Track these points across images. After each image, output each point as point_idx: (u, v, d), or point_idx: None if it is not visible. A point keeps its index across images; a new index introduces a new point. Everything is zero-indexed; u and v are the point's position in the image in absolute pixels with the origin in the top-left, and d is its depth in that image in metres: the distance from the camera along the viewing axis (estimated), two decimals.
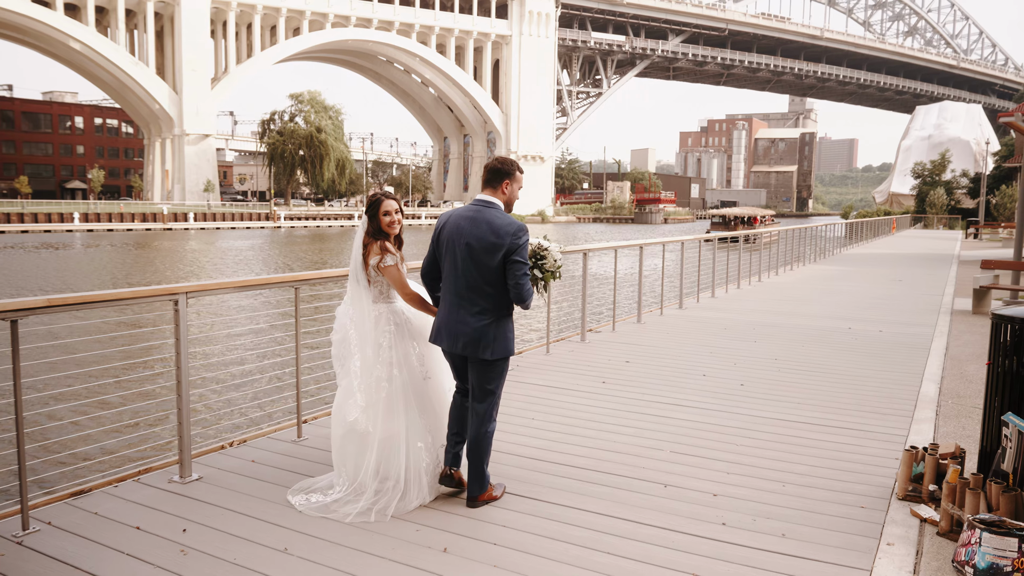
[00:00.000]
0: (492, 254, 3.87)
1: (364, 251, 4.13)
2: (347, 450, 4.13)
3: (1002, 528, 3.32)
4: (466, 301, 3.95)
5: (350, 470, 4.12)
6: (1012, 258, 14.14)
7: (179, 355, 4.37)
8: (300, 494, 4.14)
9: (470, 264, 3.91)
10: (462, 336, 3.96)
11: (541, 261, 4.18)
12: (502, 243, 3.86)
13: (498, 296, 3.95)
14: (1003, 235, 43.19)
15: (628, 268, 18.56)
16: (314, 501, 4.05)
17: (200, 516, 3.93)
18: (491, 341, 3.94)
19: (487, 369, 4.01)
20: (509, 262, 3.88)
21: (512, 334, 4.08)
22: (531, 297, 3.98)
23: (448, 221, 4.05)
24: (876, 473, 4.66)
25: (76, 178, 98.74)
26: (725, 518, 3.97)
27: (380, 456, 4.08)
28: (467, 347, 3.96)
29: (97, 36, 76.58)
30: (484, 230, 3.89)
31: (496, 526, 3.86)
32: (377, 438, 4.07)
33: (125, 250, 43.13)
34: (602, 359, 8.04)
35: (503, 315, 4.00)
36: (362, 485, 4.06)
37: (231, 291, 4.83)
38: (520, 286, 3.90)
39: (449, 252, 4.00)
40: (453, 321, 3.99)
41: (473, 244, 3.90)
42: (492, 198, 4.02)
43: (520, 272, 3.89)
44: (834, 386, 6.96)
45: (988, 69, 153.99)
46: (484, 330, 3.94)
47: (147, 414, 7.60)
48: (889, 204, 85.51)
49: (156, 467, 4.59)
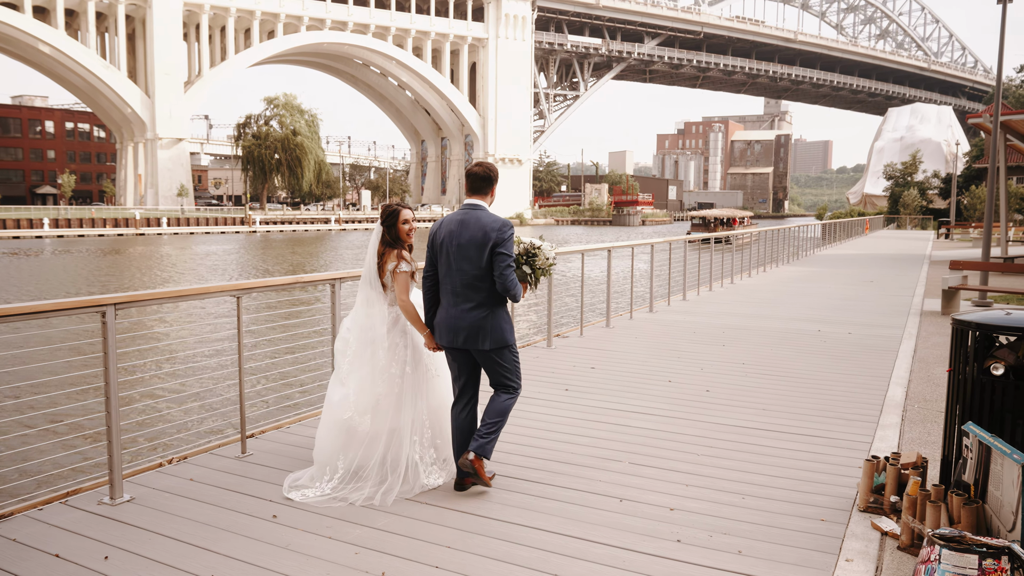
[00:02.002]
0: (481, 249, 4.17)
1: (381, 259, 4.42)
2: (346, 440, 4.36)
3: (962, 544, 3.18)
4: (461, 298, 4.24)
5: (350, 459, 4.34)
6: (980, 259, 14.19)
7: (107, 370, 4.13)
8: (296, 490, 4.29)
9: (463, 262, 4.20)
10: (461, 330, 4.24)
11: (533, 259, 4.46)
12: (489, 238, 4.16)
13: (491, 290, 4.23)
14: (974, 235, 43.71)
15: (601, 271, 18.43)
16: (315, 493, 4.23)
17: (126, 541, 3.70)
18: (488, 332, 4.23)
19: (492, 359, 4.29)
20: (495, 254, 4.16)
21: (509, 325, 4.33)
22: (517, 288, 4.24)
23: (441, 226, 4.34)
24: (838, 483, 4.53)
25: (47, 183, 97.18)
26: (681, 534, 3.81)
27: (387, 446, 4.35)
28: (467, 340, 4.24)
29: (67, 39, 75.38)
30: (473, 229, 4.20)
31: (437, 546, 3.66)
32: (387, 430, 4.34)
33: (91, 257, 42.39)
34: (567, 365, 7.88)
35: (497, 308, 4.29)
36: (365, 473, 4.31)
37: (165, 302, 4.60)
38: (504, 276, 4.17)
39: (444, 254, 4.29)
40: (451, 317, 4.27)
41: (464, 243, 4.20)
42: (480, 201, 4.33)
43: (504, 264, 4.16)
44: (800, 391, 6.84)
45: (958, 71, 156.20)
46: (481, 323, 4.22)
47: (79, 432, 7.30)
48: (863, 205, 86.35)
49: (86, 488, 4.34)
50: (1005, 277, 17.96)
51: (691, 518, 4.01)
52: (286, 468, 4.72)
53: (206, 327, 15.52)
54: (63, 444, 7.40)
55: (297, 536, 3.77)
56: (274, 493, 4.33)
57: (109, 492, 4.19)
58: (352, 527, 3.88)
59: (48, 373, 9.31)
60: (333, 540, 3.73)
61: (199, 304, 19.33)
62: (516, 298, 4.25)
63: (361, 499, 4.16)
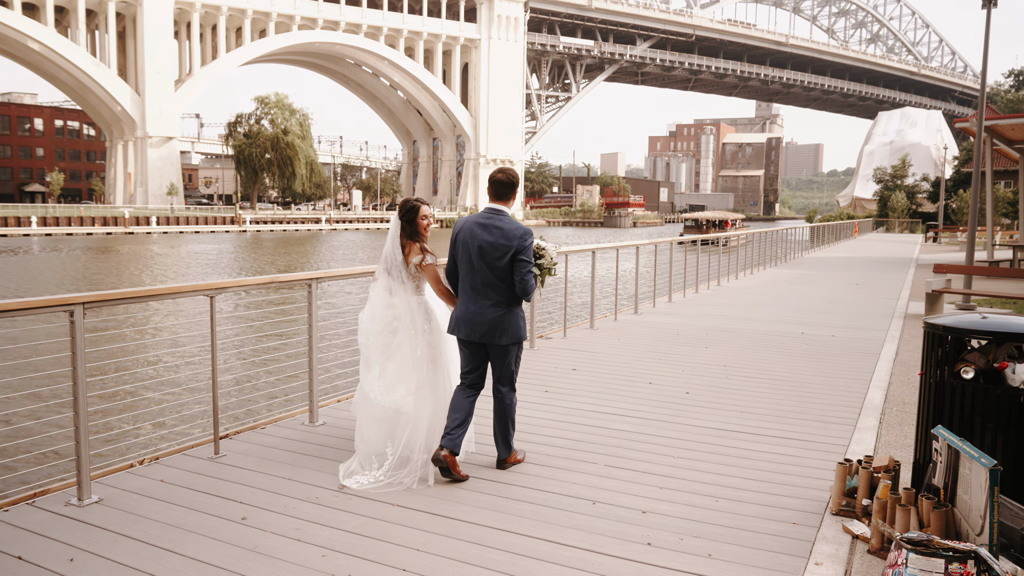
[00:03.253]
0: (503, 254, 4.48)
1: (403, 251, 4.70)
2: (391, 427, 4.58)
3: (929, 548, 3.18)
4: (481, 295, 4.54)
5: (397, 444, 4.55)
6: (964, 262, 14.25)
7: (76, 369, 4.09)
8: (350, 477, 4.46)
9: (483, 263, 4.50)
10: (479, 326, 4.54)
11: (539, 260, 4.74)
12: (511, 245, 4.48)
13: (508, 290, 4.54)
14: (961, 239, 43.95)
15: (586, 272, 18.43)
16: (368, 480, 4.42)
17: (92, 543, 3.66)
18: (505, 328, 4.55)
19: (505, 353, 4.61)
20: (516, 260, 4.49)
21: (523, 322, 4.66)
22: (533, 290, 4.60)
23: (464, 227, 4.64)
24: (813, 486, 4.52)
25: (35, 181, 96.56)
26: (651, 537, 3.79)
27: (429, 430, 4.62)
28: (485, 335, 4.55)
29: (57, 36, 74.89)
30: (496, 234, 4.50)
31: (405, 548, 3.64)
32: (427, 412, 4.62)
33: (76, 255, 42.15)
34: (549, 367, 7.86)
35: (514, 306, 4.60)
36: (414, 456, 4.53)
37: (136, 301, 4.55)
38: (524, 281, 4.51)
39: (465, 253, 4.57)
40: (470, 313, 4.56)
41: (485, 247, 4.50)
42: (503, 207, 4.66)
43: (525, 269, 4.51)
44: (780, 393, 6.84)
45: (948, 76, 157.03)
46: (499, 320, 4.54)
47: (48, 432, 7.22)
48: (852, 208, 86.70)
49: (53, 489, 4.30)
50: (990, 281, 18.04)
51: (663, 521, 4.00)
52: (259, 470, 4.68)
53: (182, 327, 15.40)
54: (31, 444, 7.33)
55: (265, 538, 3.74)
56: (245, 494, 4.29)
57: (77, 493, 4.15)
58: (321, 529, 3.85)
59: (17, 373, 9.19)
60: (301, 543, 3.70)
61: (175, 304, 19.15)
62: (530, 299, 4.61)
63: (415, 481, 4.43)
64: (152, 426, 8.36)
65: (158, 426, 8.50)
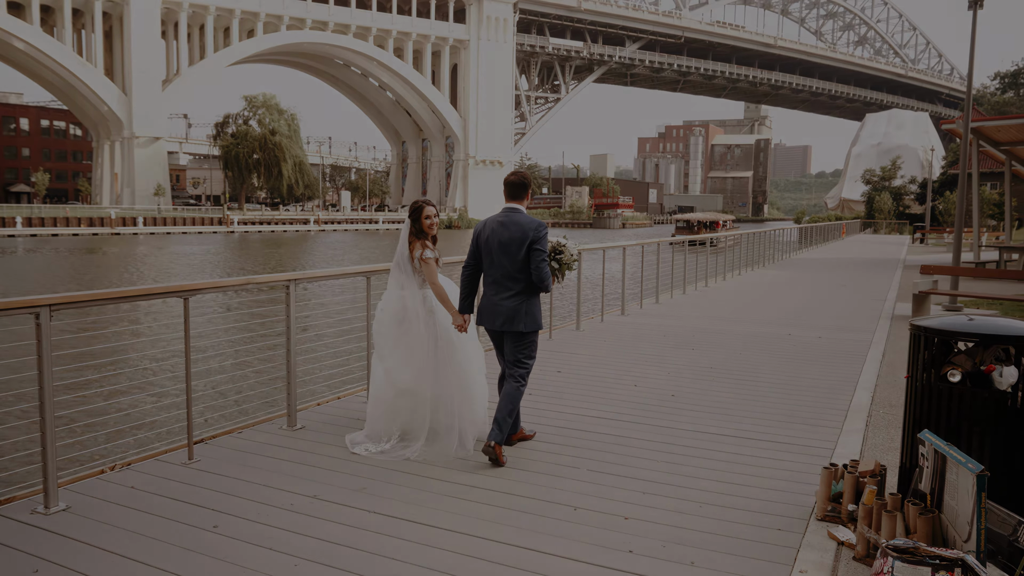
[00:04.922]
0: (520, 246, 4.84)
1: (410, 247, 5.11)
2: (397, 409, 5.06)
3: (915, 556, 3.11)
4: (501, 287, 4.93)
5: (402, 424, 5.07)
6: (951, 263, 14.26)
7: (41, 373, 3.97)
8: (358, 445, 5.01)
9: (504, 257, 4.88)
10: (499, 315, 4.93)
11: (559, 255, 5.16)
12: (527, 236, 4.84)
13: (526, 281, 4.90)
14: (948, 240, 44.17)
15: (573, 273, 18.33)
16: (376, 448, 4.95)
17: (57, 553, 3.54)
18: (523, 317, 4.91)
19: (520, 340, 4.97)
20: (532, 250, 4.84)
21: (540, 312, 5.00)
22: (549, 279, 4.92)
23: (486, 226, 5.04)
24: (798, 491, 4.45)
25: (21, 181, 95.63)
26: (633, 544, 3.71)
27: (433, 411, 5.08)
28: (504, 323, 4.92)
29: (42, 36, 74.23)
30: (513, 229, 4.88)
31: (382, 558, 3.53)
32: (430, 396, 5.06)
33: (60, 256, 41.74)
34: (533, 369, 7.74)
35: (531, 296, 4.94)
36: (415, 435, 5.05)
37: (106, 303, 4.43)
38: (540, 268, 4.84)
39: (487, 249, 4.97)
40: (492, 303, 4.97)
41: (505, 241, 4.88)
42: (518, 205, 5.02)
43: (540, 258, 4.84)
44: (766, 396, 6.78)
45: (935, 78, 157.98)
46: (517, 308, 4.90)
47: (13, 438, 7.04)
48: (840, 209, 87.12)
49: (19, 497, 4.17)
50: (976, 282, 18.08)
51: (645, 527, 3.91)
52: (234, 475, 4.57)
53: (159, 329, 15.17)
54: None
55: (236, 547, 3.63)
56: (219, 501, 4.18)
57: (43, 500, 4.02)
58: (294, 537, 3.74)
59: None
60: (273, 551, 3.59)
61: (152, 305, 18.88)
62: (547, 289, 4.94)
63: (415, 453, 4.90)
64: (125, 431, 8.17)
65: (131, 431, 8.32)
